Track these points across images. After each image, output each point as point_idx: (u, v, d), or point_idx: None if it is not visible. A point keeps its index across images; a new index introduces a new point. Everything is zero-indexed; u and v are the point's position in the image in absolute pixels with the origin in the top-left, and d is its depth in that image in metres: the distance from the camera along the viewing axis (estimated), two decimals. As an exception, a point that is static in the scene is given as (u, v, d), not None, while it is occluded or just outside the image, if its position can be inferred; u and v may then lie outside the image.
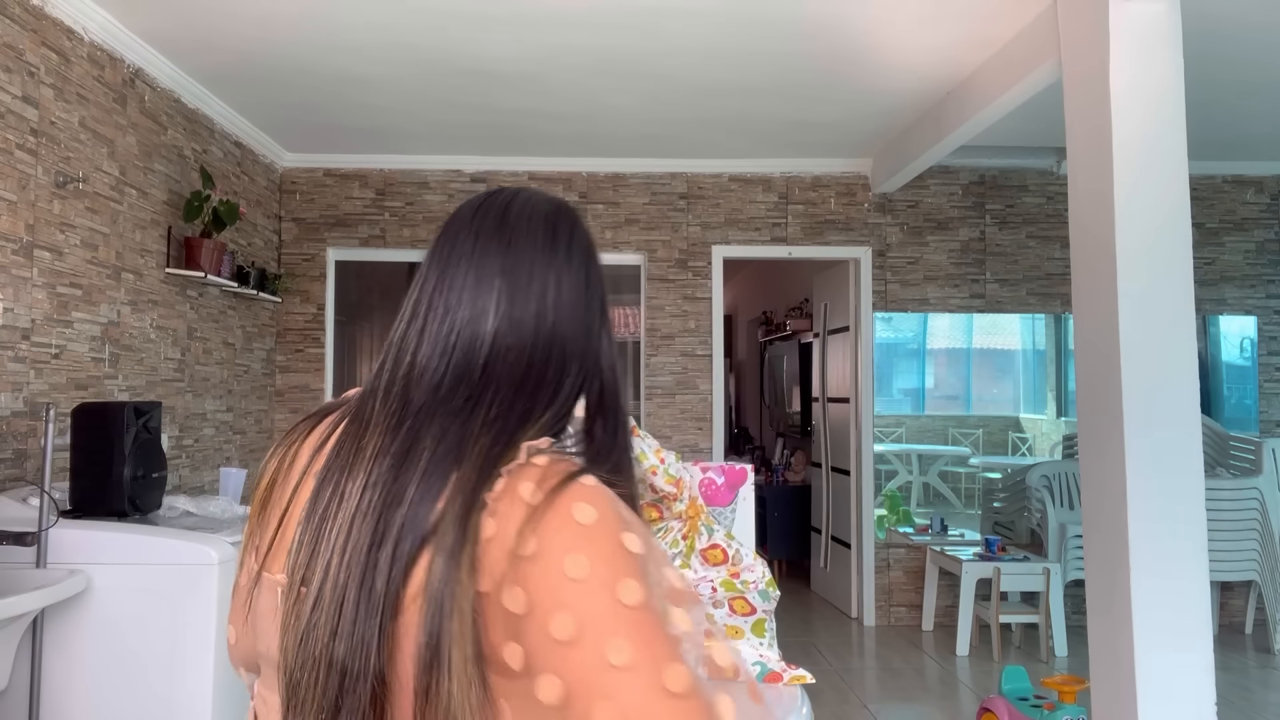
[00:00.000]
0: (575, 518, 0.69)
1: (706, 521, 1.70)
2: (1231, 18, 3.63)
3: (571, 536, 0.68)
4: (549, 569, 0.66)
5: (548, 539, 0.68)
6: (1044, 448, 6.91)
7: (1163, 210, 2.96)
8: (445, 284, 0.83)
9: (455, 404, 0.77)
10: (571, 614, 0.65)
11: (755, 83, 4.38)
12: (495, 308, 0.82)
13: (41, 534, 2.56)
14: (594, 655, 0.64)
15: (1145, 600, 2.84)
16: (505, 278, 0.83)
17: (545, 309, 0.83)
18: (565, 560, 0.67)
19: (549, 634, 0.65)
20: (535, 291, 0.83)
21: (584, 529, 0.69)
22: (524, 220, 0.89)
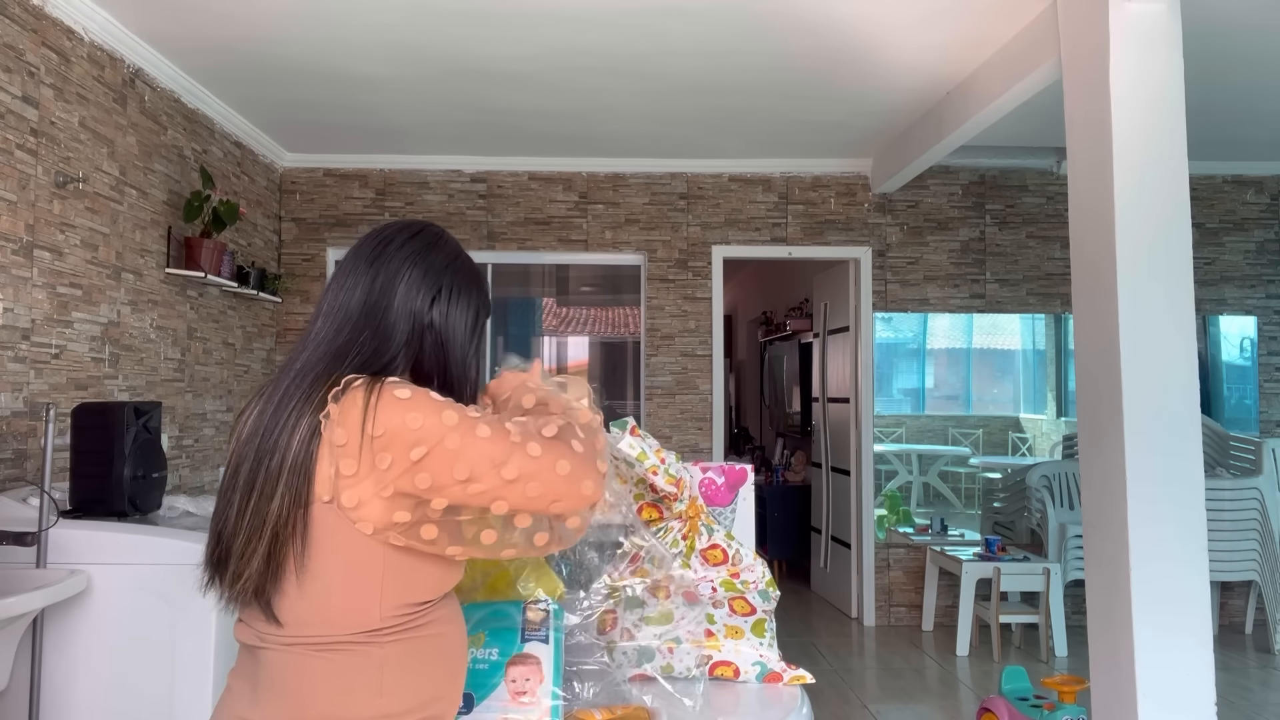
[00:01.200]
0: (397, 396, 1.08)
1: (706, 521, 1.70)
2: (1231, 18, 3.63)
3: (402, 407, 1.07)
4: (398, 430, 1.06)
5: (385, 416, 1.07)
6: (1044, 448, 6.91)
7: (1163, 210, 2.96)
8: (329, 287, 1.26)
9: (307, 356, 1.17)
10: (422, 444, 1.06)
11: (755, 83, 4.38)
12: (337, 295, 1.22)
13: (41, 534, 2.56)
14: (442, 453, 1.06)
15: (1145, 600, 2.84)
16: (341, 277, 1.24)
17: (365, 296, 1.21)
18: (406, 418, 1.07)
19: (409, 458, 1.06)
20: (356, 284, 1.22)
21: (407, 400, 1.08)
22: (376, 236, 1.27)
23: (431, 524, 1.08)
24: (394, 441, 1.06)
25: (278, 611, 1.10)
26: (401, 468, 1.06)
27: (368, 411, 1.07)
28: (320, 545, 1.08)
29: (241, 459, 1.14)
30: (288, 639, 1.10)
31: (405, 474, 1.06)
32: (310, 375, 1.14)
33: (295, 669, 1.10)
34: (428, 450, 1.06)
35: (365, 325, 1.19)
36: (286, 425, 1.10)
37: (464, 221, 5.71)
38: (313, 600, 1.09)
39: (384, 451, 1.06)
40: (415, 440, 1.06)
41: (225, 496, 1.14)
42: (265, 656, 1.12)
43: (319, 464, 1.08)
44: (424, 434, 1.07)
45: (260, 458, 1.10)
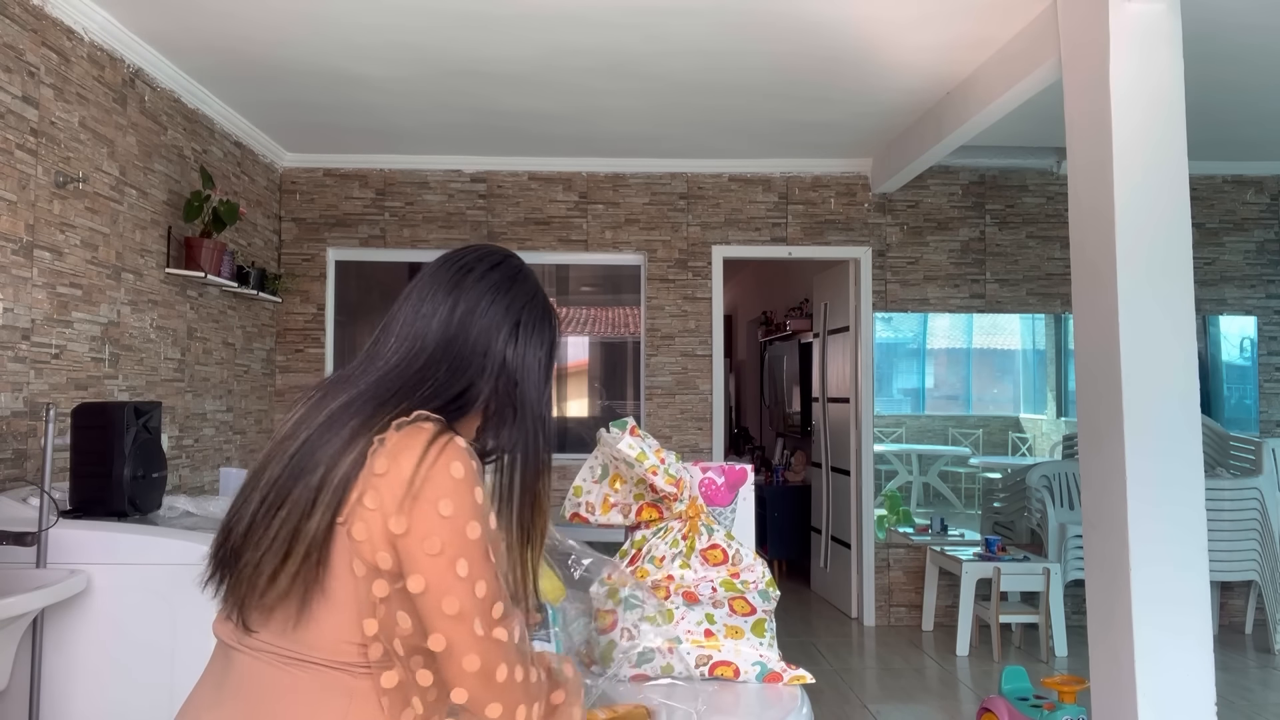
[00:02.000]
0: (450, 472, 1.03)
1: (706, 521, 1.70)
2: (1232, 18, 3.63)
3: (445, 485, 1.02)
4: (428, 507, 1.01)
5: (430, 486, 1.02)
6: (1044, 448, 6.91)
7: (1163, 210, 2.96)
8: (403, 307, 1.20)
9: (375, 380, 1.13)
10: (439, 538, 1.01)
11: (755, 83, 4.38)
12: (413, 321, 1.17)
13: (41, 534, 2.56)
14: (448, 566, 1.02)
15: (1145, 600, 2.84)
16: (418, 301, 1.18)
17: (443, 327, 1.16)
18: (439, 503, 1.02)
19: (423, 549, 1.01)
20: (434, 311, 1.17)
21: (455, 482, 1.03)
22: (456, 261, 1.22)
23: (404, 613, 1.04)
24: (419, 516, 1.02)
25: (263, 619, 1.07)
26: (408, 547, 1.02)
27: (422, 463, 1.03)
28: (330, 567, 1.05)
29: (270, 459, 1.10)
30: (263, 646, 1.07)
31: (408, 556, 1.02)
32: (376, 401, 1.09)
33: (264, 678, 1.06)
34: (439, 552, 1.01)
35: (442, 358, 1.14)
36: (336, 443, 1.05)
37: (464, 221, 5.71)
38: (307, 617, 1.05)
39: (403, 515, 1.02)
40: (434, 531, 1.02)
41: (246, 494, 1.10)
42: (237, 659, 1.09)
43: (355, 486, 1.04)
44: (447, 533, 1.02)
45: (300, 469, 1.05)
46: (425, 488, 1.02)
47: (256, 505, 1.07)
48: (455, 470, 1.03)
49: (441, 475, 1.02)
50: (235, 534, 1.09)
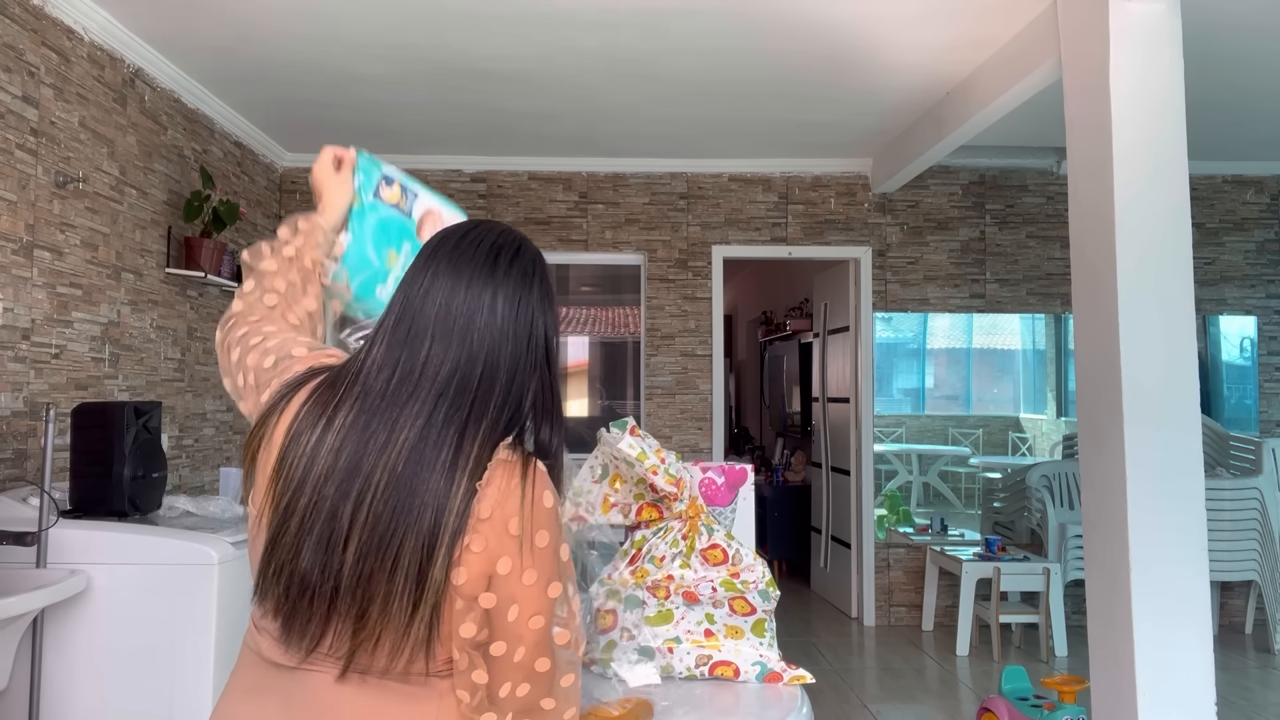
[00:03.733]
0: (544, 504, 1.01)
1: (706, 521, 1.70)
2: (1232, 18, 3.63)
3: (541, 518, 1.01)
4: (529, 544, 1.00)
5: (532, 524, 1.00)
6: (1044, 448, 6.91)
7: (1163, 210, 2.96)
8: (426, 299, 1.09)
9: (443, 396, 1.04)
10: (536, 570, 1.00)
11: (755, 82, 4.38)
12: (451, 316, 1.07)
13: (41, 534, 2.56)
14: (541, 591, 1.01)
15: (1145, 600, 2.84)
16: (449, 290, 1.08)
17: (489, 329, 1.07)
18: (537, 535, 1.00)
19: (522, 581, 0.99)
20: (477, 307, 1.08)
21: (547, 511, 1.02)
22: (480, 242, 1.13)
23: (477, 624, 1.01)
24: (523, 556, 1.00)
25: (370, 656, 1.01)
26: (507, 581, 0.99)
27: (523, 504, 1.00)
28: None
29: (328, 498, 0.99)
30: (364, 674, 1.02)
31: (503, 586, 0.99)
32: (456, 426, 1.01)
33: (355, 700, 1.01)
34: (535, 582, 1.00)
35: (500, 365, 1.05)
36: (436, 482, 0.99)
37: (464, 221, 5.71)
38: (419, 652, 1.01)
39: (509, 558, 0.99)
40: (532, 564, 1.00)
41: (306, 523, 0.99)
42: (310, 679, 1.02)
43: (464, 534, 0.99)
44: (543, 564, 1.01)
45: (402, 511, 0.97)
46: (528, 528, 1.00)
47: (351, 550, 0.98)
48: (547, 500, 1.02)
49: (539, 511, 1.01)
50: (313, 572, 0.98)
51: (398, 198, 1.43)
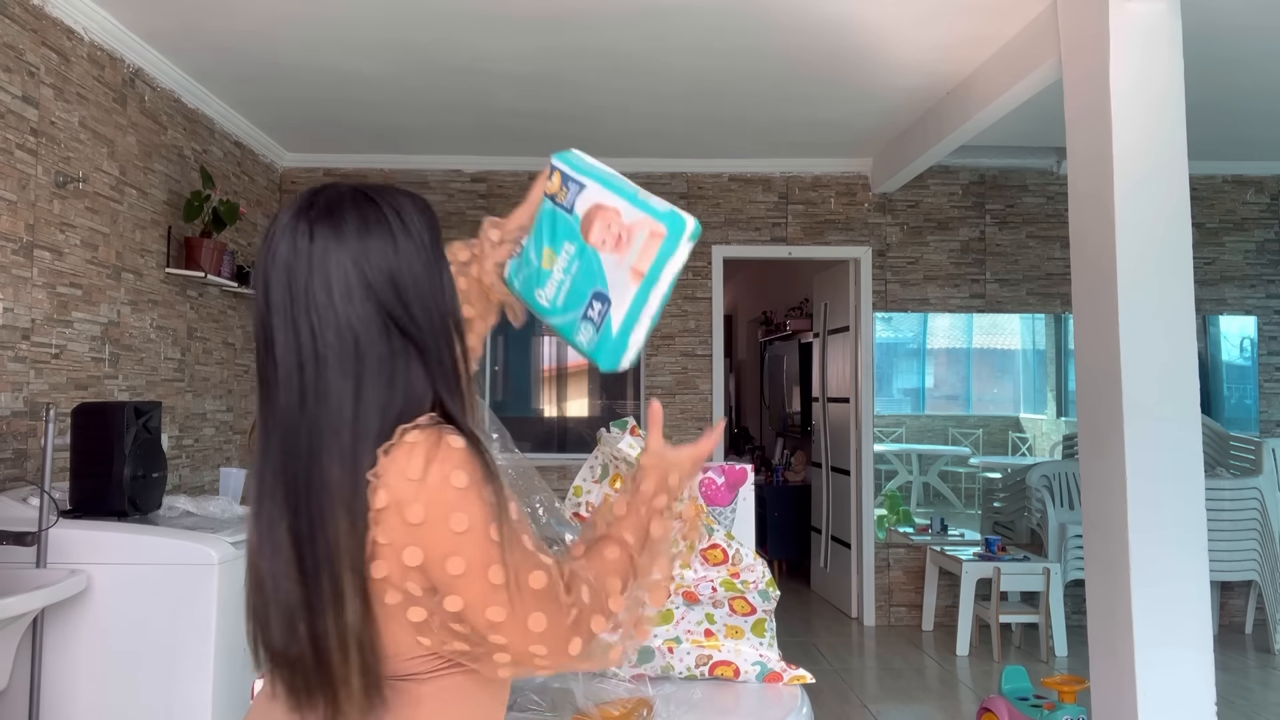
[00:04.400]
0: (453, 484, 0.91)
1: (706, 521, 1.70)
2: (1232, 18, 3.63)
3: (451, 500, 0.91)
4: (438, 530, 0.91)
5: (434, 508, 0.90)
6: (1044, 448, 6.91)
7: (1163, 210, 2.95)
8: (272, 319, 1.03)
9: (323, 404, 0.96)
10: (462, 558, 0.91)
11: (755, 82, 4.38)
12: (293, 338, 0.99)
13: (41, 534, 2.56)
14: (479, 579, 0.92)
15: (1145, 600, 2.84)
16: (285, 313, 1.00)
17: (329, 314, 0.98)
18: (450, 520, 0.91)
19: (447, 572, 0.91)
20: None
21: (459, 492, 0.91)
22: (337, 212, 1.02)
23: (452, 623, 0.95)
24: (432, 543, 0.91)
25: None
26: (433, 574, 0.92)
27: (424, 489, 0.91)
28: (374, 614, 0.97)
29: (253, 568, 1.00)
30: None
31: (437, 580, 0.92)
32: (315, 431, 0.95)
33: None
34: (466, 570, 0.91)
35: (355, 344, 0.96)
36: (338, 480, 0.95)
37: (464, 221, 5.71)
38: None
39: (416, 546, 0.91)
40: (453, 551, 0.91)
41: (267, 604, 0.98)
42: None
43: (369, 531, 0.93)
44: (469, 549, 0.91)
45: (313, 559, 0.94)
46: (429, 512, 0.91)
47: (301, 621, 0.94)
48: (457, 479, 0.91)
49: (442, 492, 0.91)
50: (281, 639, 0.96)
51: (556, 189, 1.23)
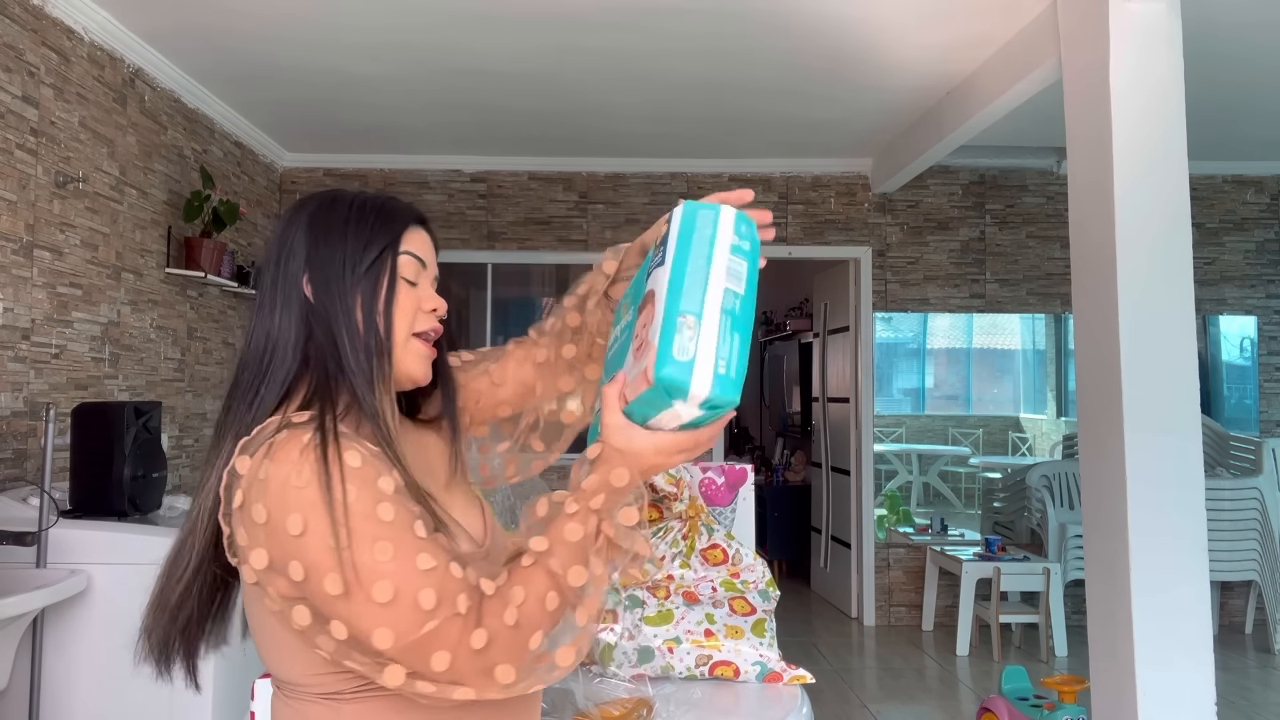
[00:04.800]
0: (291, 483, 0.87)
1: (706, 521, 1.70)
2: (1231, 18, 3.63)
3: (286, 501, 0.86)
4: (277, 530, 0.86)
5: (273, 508, 0.86)
6: (1044, 448, 6.91)
7: (1163, 210, 2.95)
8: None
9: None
10: (300, 562, 0.86)
11: (755, 82, 4.37)
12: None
13: (41, 534, 2.56)
14: (317, 585, 0.86)
15: (1145, 600, 2.84)
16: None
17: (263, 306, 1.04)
18: (287, 520, 0.86)
19: (289, 577, 0.86)
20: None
21: (298, 492, 0.86)
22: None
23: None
24: (274, 545, 0.87)
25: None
26: (279, 586, 0.88)
27: (257, 487, 0.88)
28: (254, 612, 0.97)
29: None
30: (276, 683, 1.00)
31: (284, 594, 0.88)
32: (226, 425, 1.03)
33: (278, 716, 1.00)
34: (305, 577, 0.85)
35: (260, 340, 1.03)
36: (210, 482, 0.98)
37: (464, 221, 5.71)
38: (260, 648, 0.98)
39: (260, 548, 0.87)
40: (292, 555, 0.86)
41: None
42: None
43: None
44: (307, 553, 0.85)
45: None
46: (270, 513, 0.86)
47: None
48: (297, 478, 0.86)
49: (283, 492, 0.86)
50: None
51: (655, 241, 1.02)
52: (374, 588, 0.84)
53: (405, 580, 0.85)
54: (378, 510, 0.87)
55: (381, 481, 0.89)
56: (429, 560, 0.86)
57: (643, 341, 0.88)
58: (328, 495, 0.86)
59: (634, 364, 0.89)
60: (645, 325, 0.89)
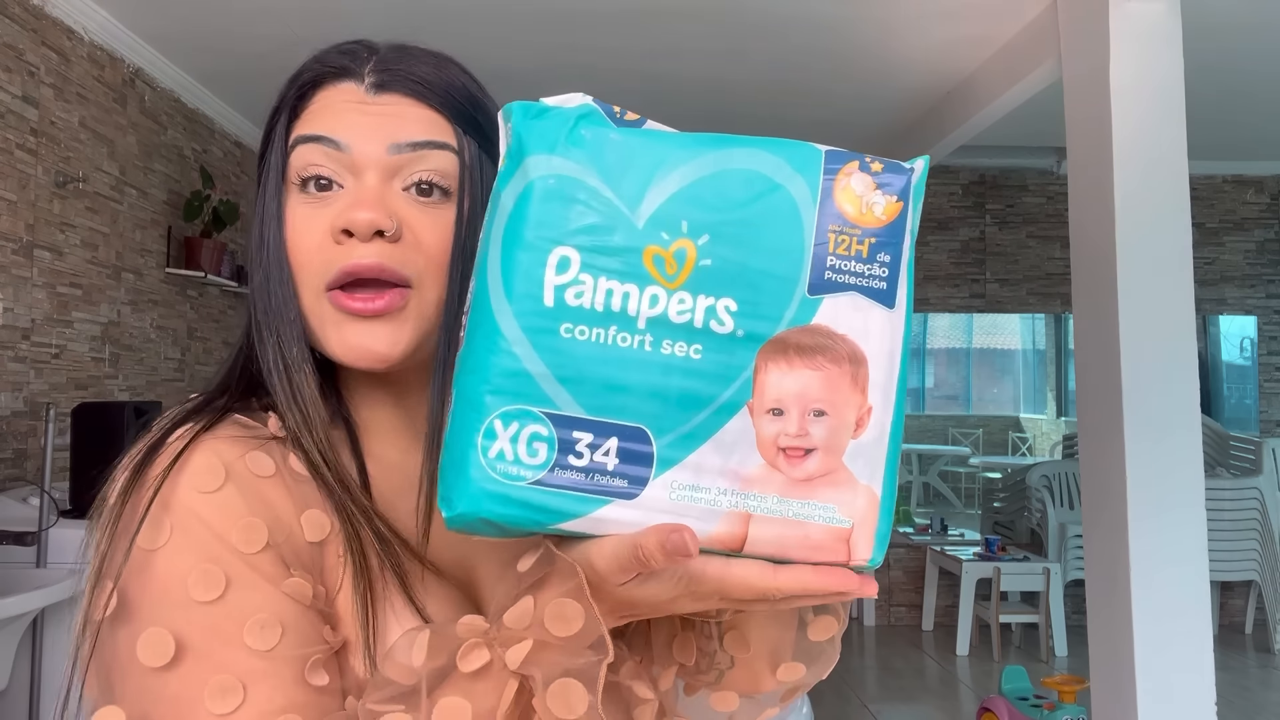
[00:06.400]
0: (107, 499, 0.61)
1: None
2: (1232, 18, 3.63)
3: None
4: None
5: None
6: (1044, 448, 6.91)
7: (1163, 210, 2.95)
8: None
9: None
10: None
11: (754, 83, 4.38)
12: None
13: (41, 534, 2.56)
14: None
15: (1145, 600, 2.84)
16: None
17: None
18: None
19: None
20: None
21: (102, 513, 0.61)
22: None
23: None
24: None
25: None
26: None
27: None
28: None
29: None
30: None
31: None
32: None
33: None
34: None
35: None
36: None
37: (464, 221, 5.71)
38: None
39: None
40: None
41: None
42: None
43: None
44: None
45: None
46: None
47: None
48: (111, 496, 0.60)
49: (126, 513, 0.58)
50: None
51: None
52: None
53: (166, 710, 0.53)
54: (188, 579, 0.54)
55: (235, 532, 0.56)
56: (228, 700, 0.53)
57: (807, 449, 0.53)
58: (113, 528, 0.57)
59: (785, 481, 0.52)
60: (813, 402, 0.53)
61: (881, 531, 0.54)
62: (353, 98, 0.68)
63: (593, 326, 0.52)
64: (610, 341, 0.52)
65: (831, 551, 0.52)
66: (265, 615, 0.54)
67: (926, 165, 0.61)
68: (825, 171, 0.59)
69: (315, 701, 0.54)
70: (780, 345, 0.52)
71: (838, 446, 0.52)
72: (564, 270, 0.53)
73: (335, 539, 0.60)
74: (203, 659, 0.53)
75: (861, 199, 0.57)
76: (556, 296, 0.52)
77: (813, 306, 0.53)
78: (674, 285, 0.53)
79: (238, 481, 0.58)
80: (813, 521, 0.52)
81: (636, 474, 0.51)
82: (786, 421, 0.52)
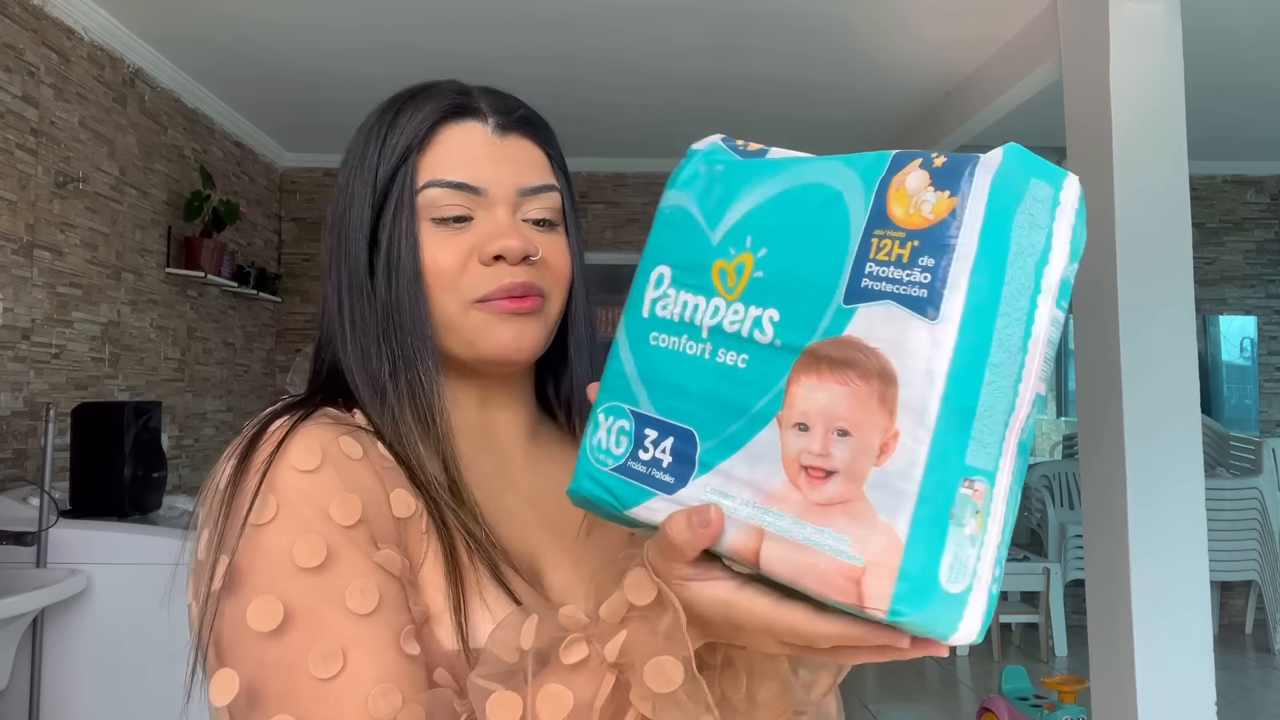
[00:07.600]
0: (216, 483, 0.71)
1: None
2: (1232, 18, 3.63)
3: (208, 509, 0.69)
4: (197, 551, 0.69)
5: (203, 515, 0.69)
6: (1044, 448, 6.91)
7: (1163, 210, 2.95)
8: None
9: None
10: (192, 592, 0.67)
11: (755, 83, 4.37)
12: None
13: (41, 534, 2.56)
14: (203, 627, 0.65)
15: (1145, 600, 2.84)
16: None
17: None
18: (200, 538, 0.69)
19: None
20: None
21: (213, 498, 0.70)
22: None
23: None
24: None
25: None
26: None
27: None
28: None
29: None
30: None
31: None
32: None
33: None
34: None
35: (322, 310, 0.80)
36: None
37: (464, 221, 5.71)
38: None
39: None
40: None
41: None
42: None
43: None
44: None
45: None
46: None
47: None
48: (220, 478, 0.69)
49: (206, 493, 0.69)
50: None
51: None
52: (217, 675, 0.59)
53: (279, 683, 0.57)
54: (293, 549, 0.60)
55: (334, 506, 0.62)
56: (330, 665, 0.57)
57: (834, 475, 0.49)
58: (227, 509, 0.64)
59: (803, 502, 0.49)
60: (838, 420, 0.49)
61: (911, 586, 0.46)
62: (482, 139, 0.79)
63: (670, 335, 0.58)
64: (681, 349, 0.57)
65: (841, 590, 0.47)
66: (364, 582, 0.60)
67: (1019, 155, 0.55)
68: (886, 173, 0.58)
69: (408, 671, 0.59)
70: (812, 357, 0.51)
71: (859, 473, 0.47)
72: (659, 285, 0.61)
73: (418, 518, 0.67)
74: (308, 624, 0.58)
75: (912, 198, 0.54)
76: (650, 308, 0.61)
77: (846, 316, 0.50)
78: (732, 296, 0.56)
79: (334, 462, 0.65)
80: (823, 551, 0.48)
81: (681, 473, 0.55)
82: (810, 439, 0.49)
